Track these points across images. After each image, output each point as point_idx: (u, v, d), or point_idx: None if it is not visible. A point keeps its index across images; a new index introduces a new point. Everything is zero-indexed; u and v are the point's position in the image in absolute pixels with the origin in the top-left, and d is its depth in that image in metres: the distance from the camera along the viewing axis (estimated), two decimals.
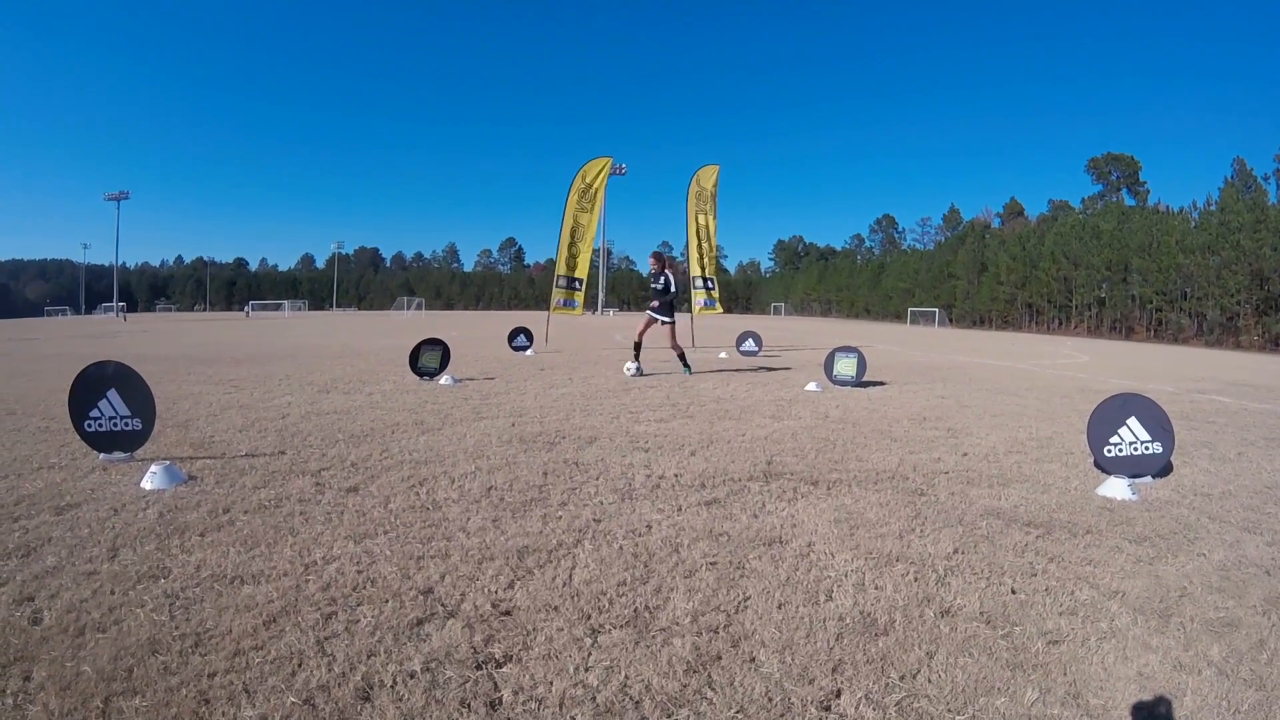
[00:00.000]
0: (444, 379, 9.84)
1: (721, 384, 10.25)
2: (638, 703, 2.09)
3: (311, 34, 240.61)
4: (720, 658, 2.36)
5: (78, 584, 2.78)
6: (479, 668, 2.26)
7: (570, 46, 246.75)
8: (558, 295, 18.47)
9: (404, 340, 19.72)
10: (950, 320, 69.62)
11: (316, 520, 3.65)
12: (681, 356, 11.62)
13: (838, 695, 2.16)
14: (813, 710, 2.08)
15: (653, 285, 11.45)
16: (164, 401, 6.90)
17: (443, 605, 2.70)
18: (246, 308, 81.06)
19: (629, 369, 11.18)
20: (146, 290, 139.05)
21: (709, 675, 2.25)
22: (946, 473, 5.05)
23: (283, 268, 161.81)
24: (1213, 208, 51.08)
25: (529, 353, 15.97)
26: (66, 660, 2.21)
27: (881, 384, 10.80)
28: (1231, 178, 60.78)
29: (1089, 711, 2.12)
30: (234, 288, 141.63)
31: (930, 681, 2.25)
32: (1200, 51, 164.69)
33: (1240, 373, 17.23)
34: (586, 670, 2.26)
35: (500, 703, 2.08)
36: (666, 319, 11.42)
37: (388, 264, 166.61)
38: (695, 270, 19.64)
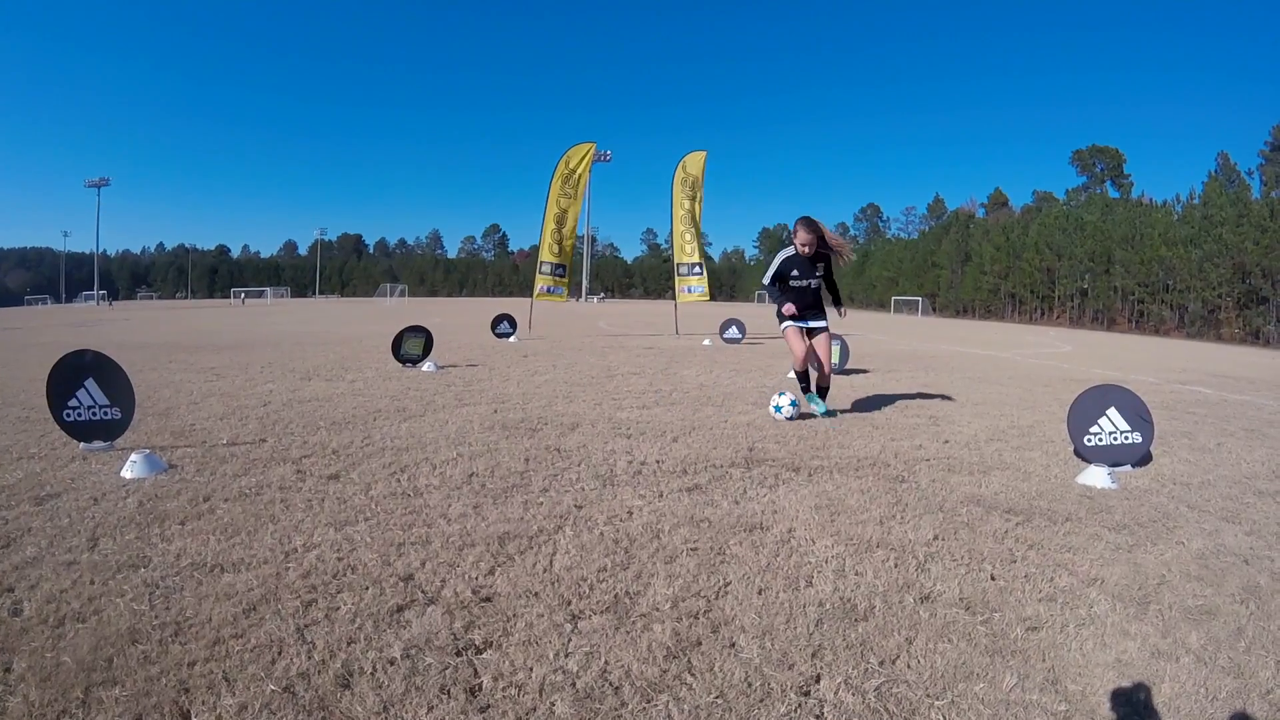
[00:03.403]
0: (426, 366, 9.81)
1: (704, 371, 10.26)
2: (617, 688, 2.10)
3: (293, 19, 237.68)
4: (700, 643, 2.37)
5: (58, 574, 2.75)
6: (459, 654, 2.26)
7: (555, 33, 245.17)
8: (543, 282, 18.45)
9: (387, 327, 19.59)
10: (934, 309, 69.97)
11: (297, 508, 3.63)
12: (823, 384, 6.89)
13: (817, 680, 2.18)
14: (792, 695, 2.09)
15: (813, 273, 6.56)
16: (144, 390, 6.84)
17: (423, 592, 2.70)
18: (241, 295, 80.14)
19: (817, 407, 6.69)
20: (128, 278, 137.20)
21: (689, 660, 2.26)
22: (928, 460, 5.08)
23: (265, 254, 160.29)
24: (1196, 201, 51.49)
25: (512, 339, 15.94)
26: (47, 651, 2.19)
27: (864, 371, 10.84)
28: (1215, 172, 61.44)
29: (1067, 697, 2.14)
30: (216, 275, 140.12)
31: (909, 667, 2.27)
32: (1186, 46, 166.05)
33: (1221, 365, 17.44)
34: (566, 656, 2.26)
35: (480, 689, 2.08)
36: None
37: (371, 251, 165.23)
38: (680, 257, 19.67)
